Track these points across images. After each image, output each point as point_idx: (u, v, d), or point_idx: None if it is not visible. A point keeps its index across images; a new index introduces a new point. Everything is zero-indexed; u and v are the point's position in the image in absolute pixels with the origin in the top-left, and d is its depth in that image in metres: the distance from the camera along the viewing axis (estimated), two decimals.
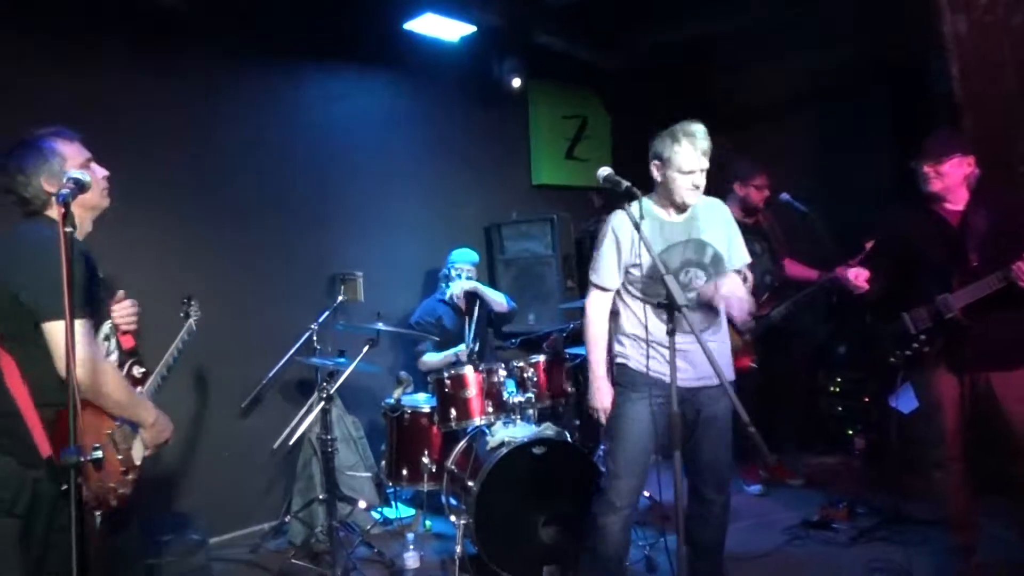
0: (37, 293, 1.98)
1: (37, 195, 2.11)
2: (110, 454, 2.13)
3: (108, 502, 2.12)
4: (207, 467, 4.04)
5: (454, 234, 4.98)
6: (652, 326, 2.74)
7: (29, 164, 2.10)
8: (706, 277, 2.80)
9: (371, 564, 3.62)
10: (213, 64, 4.15)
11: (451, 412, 3.67)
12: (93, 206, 2.22)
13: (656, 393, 2.66)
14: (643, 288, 2.77)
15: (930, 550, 3.31)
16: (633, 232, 2.62)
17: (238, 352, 4.14)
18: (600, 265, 2.85)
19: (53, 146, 2.14)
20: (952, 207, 3.09)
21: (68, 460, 1.58)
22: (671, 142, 2.73)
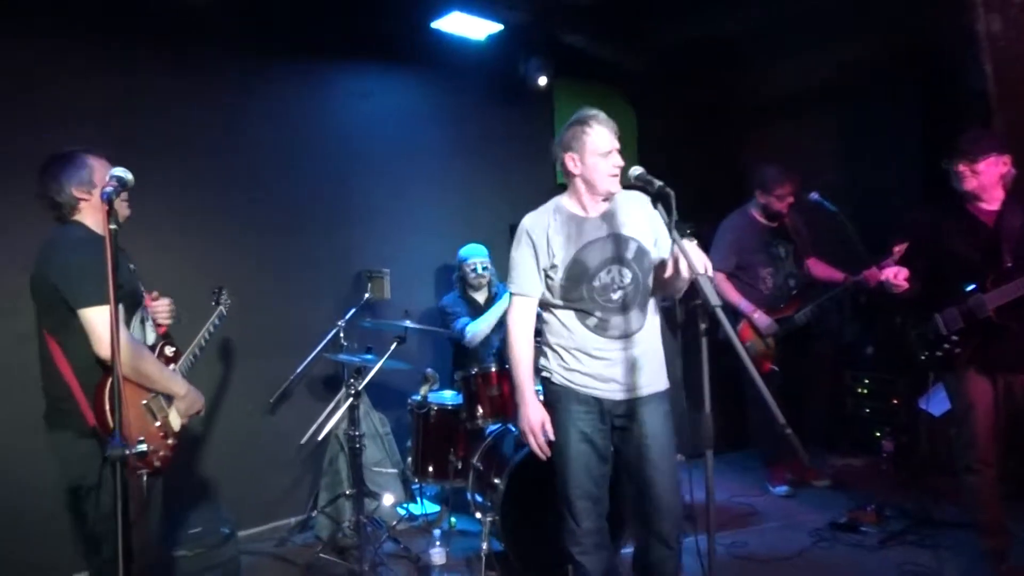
0: (72, 283, 2.28)
1: (68, 201, 2.40)
2: (148, 421, 2.43)
3: (152, 463, 2.38)
4: (235, 461, 4.08)
5: (479, 232, 4.97)
6: (580, 336, 2.56)
7: (63, 173, 2.40)
8: (631, 274, 2.56)
9: (397, 559, 3.65)
10: (242, 63, 4.19)
11: (478, 410, 3.68)
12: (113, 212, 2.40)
13: (583, 409, 2.54)
14: (564, 293, 2.57)
15: (961, 554, 3.27)
16: (549, 231, 2.55)
17: (265, 348, 4.19)
18: (517, 272, 2.62)
19: (85, 159, 2.43)
20: (987, 207, 3.05)
21: (114, 453, 1.63)
22: (579, 128, 2.54)
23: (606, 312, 2.55)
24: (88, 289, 2.25)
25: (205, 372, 3.97)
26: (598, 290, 2.55)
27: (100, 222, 2.40)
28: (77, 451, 2.32)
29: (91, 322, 2.26)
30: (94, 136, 3.53)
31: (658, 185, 2.34)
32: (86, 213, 2.43)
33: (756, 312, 4.19)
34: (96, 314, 2.26)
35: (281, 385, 4.14)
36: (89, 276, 2.25)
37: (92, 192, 2.41)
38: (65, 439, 2.34)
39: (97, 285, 2.23)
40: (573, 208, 2.62)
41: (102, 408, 2.24)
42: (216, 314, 3.14)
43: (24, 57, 3.52)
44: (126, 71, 3.78)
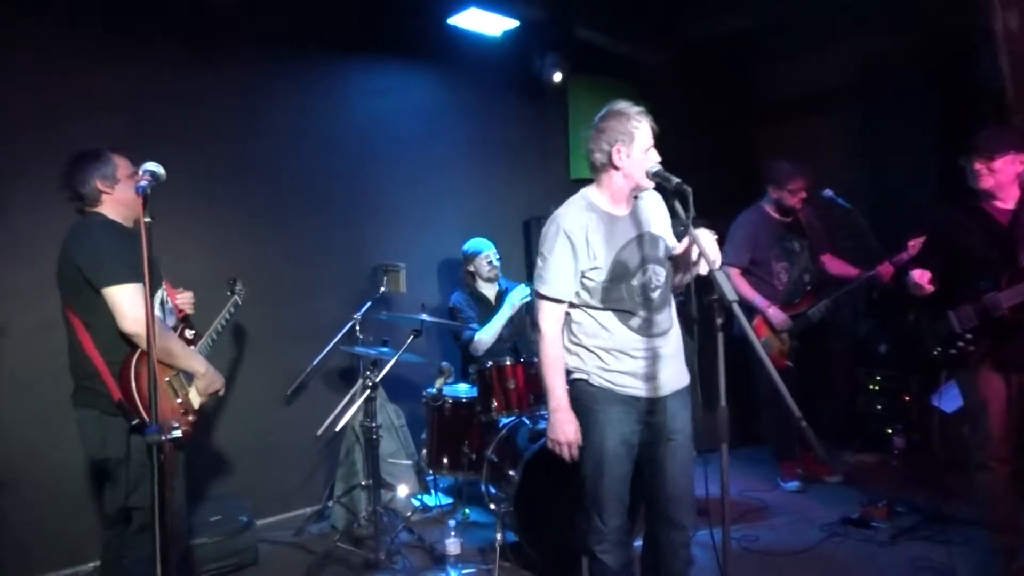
0: (95, 264, 2.43)
1: (91, 193, 2.56)
2: (170, 398, 2.56)
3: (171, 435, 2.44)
4: (252, 451, 4.15)
5: (493, 227, 5.01)
6: (621, 337, 2.50)
7: (89, 167, 2.57)
8: (664, 272, 2.58)
9: (413, 549, 3.70)
10: (262, 58, 4.25)
11: (493, 403, 3.73)
12: (129, 206, 2.61)
13: (623, 411, 2.49)
14: (604, 294, 2.50)
15: (972, 550, 3.30)
16: (588, 232, 2.46)
17: (282, 340, 4.25)
18: (551, 274, 2.49)
19: (110, 156, 2.60)
20: (1002, 205, 3.06)
21: (151, 438, 1.69)
22: (629, 121, 2.46)
23: (648, 312, 2.53)
24: (111, 269, 2.40)
25: (224, 362, 4.05)
26: (637, 290, 2.52)
27: (120, 214, 2.61)
28: (103, 427, 2.45)
29: (115, 299, 2.39)
30: (117, 128, 3.64)
31: (675, 182, 2.36)
32: (107, 205, 2.59)
33: (771, 308, 4.21)
34: (119, 291, 2.39)
35: (298, 376, 4.19)
36: (112, 257, 2.41)
37: (114, 187, 2.58)
38: (91, 417, 2.48)
39: (120, 265, 2.41)
40: (605, 205, 2.55)
41: (128, 384, 2.37)
42: (231, 303, 3.28)
43: (49, 51, 3.58)
44: (149, 65, 3.84)
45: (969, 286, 3.06)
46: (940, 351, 3.16)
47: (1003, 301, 2.94)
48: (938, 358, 3.19)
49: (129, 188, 2.57)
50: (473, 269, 4.41)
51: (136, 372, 2.41)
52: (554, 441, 2.52)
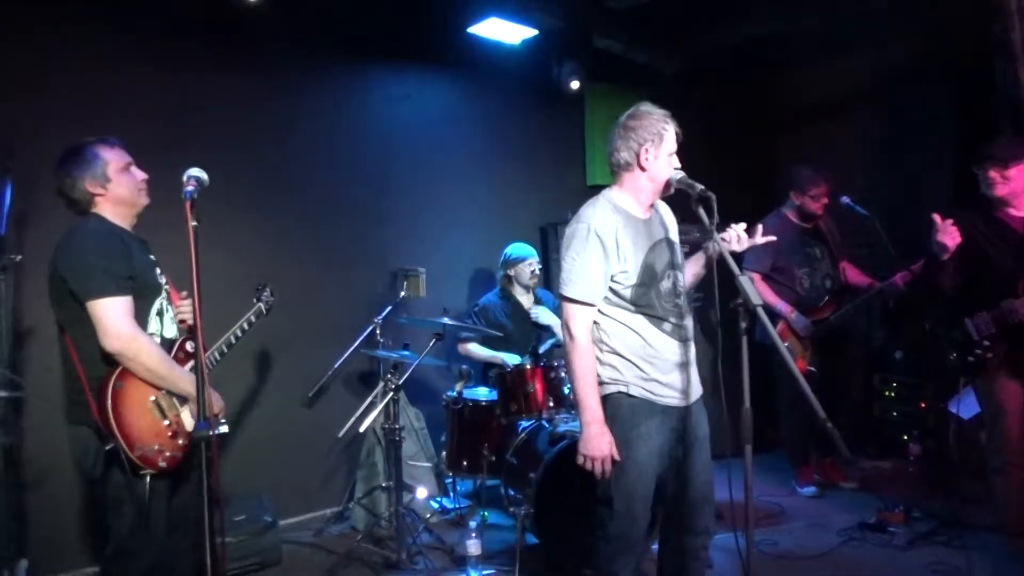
0: (79, 276, 2.25)
1: (83, 196, 2.38)
2: (155, 419, 2.32)
3: (155, 463, 2.27)
4: (273, 452, 4.20)
5: (511, 233, 5.06)
6: (657, 343, 2.45)
7: (75, 169, 2.38)
8: (683, 278, 2.59)
9: (433, 550, 3.74)
10: (286, 66, 4.33)
11: (512, 406, 3.77)
12: (128, 203, 2.46)
13: (658, 422, 2.44)
14: (635, 299, 2.44)
15: (990, 556, 3.31)
16: (618, 234, 2.40)
17: (304, 343, 4.31)
18: (581, 276, 2.39)
19: (96, 152, 2.40)
20: (1016, 212, 3.10)
21: (200, 434, 1.73)
22: (658, 122, 2.45)
23: (677, 317, 2.52)
24: (95, 281, 2.23)
25: (245, 364, 4.12)
26: (664, 295, 2.49)
27: (119, 213, 2.43)
28: (89, 445, 2.29)
29: (97, 314, 2.23)
30: (144, 132, 3.68)
31: (699, 189, 2.40)
32: (103, 206, 2.42)
33: (793, 313, 4.24)
34: (103, 306, 2.23)
35: (319, 379, 4.25)
36: (97, 267, 2.25)
37: (106, 186, 2.39)
38: (82, 434, 2.31)
39: (104, 276, 2.24)
40: (630, 208, 2.50)
41: (104, 404, 2.20)
42: (254, 311, 2.99)
43: (82, 56, 3.67)
44: (178, 70, 3.92)
45: (988, 294, 3.09)
46: (957, 358, 3.19)
47: (1020, 308, 2.97)
48: (955, 365, 3.22)
49: (126, 183, 2.42)
50: (513, 274, 4.46)
51: (114, 392, 2.23)
52: (588, 457, 2.37)
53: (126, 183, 2.42)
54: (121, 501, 2.28)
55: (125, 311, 2.27)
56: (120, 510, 2.29)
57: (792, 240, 4.34)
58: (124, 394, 2.25)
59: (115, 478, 2.26)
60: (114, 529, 2.31)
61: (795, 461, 4.51)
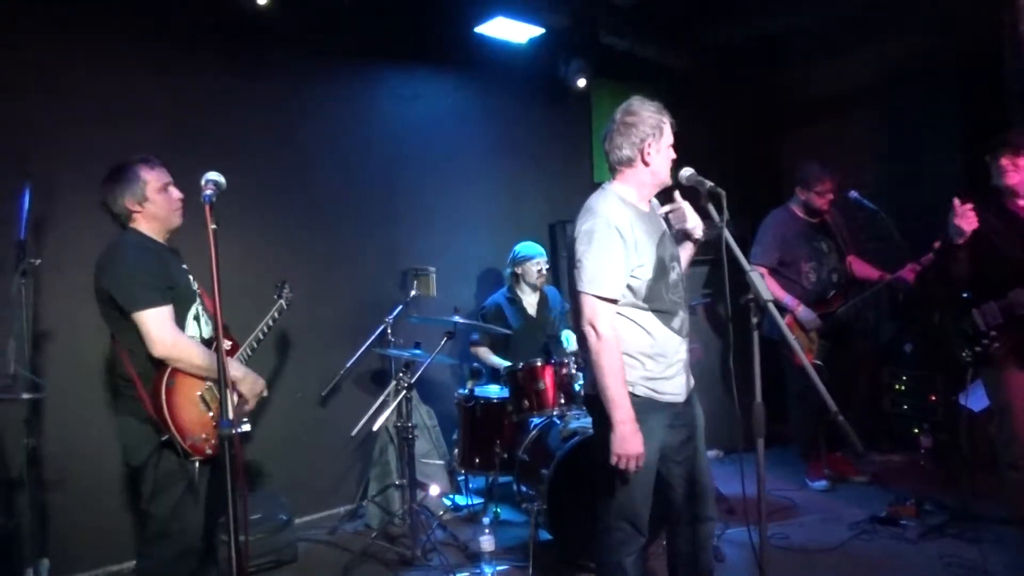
0: (123, 290, 2.45)
1: (122, 211, 2.59)
2: (202, 412, 2.53)
3: (203, 451, 2.49)
4: (287, 451, 4.25)
5: (520, 231, 5.09)
6: (663, 340, 2.44)
7: (116, 186, 2.58)
8: (680, 270, 2.58)
9: (447, 547, 3.77)
10: (295, 67, 4.36)
11: (524, 403, 3.80)
12: (162, 220, 2.64)
13: (664, 421, 2.45)
14: (648, 294, 2.41)
15: (1003, 548, 3.32)
16: (634, 228, 2.39)
17: (317, 342, 4.35)
18: (606, 271, 2.34)
19: (137, 171, 2.59)
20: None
21: (223, 432, 1.78)
22: (656, 115, 2.45)
23: (683, 311, 2.53)
24: (138, 294, 2.44)
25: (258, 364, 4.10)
26: (671, 288, 2.48)
27: (154, 228, 2.63)
28: (139, 435, 2.49)
29: (144, 325, 2.43)
30: (154, 134, 3.77)
31: (709, 185, 2.43)
32: (140, 221, 2.61)
33: (800, 306, 4.25)
34: (148, 317, 2.43)
35: (331, 378, 4.30)
36: (139, 281, 2.45)
37: (143, 204, 2.59)
38: (131, 424, 2.52)
39: (145, 288, 2.45)
40: (635, 202, 2.50)
41: (159, 402, 2.41)
42: (276, 307, 3.26)
43: (92, 60, 3.72)
44: (187, 73, 3.98)
45: (996, 285, 3.09)
46: (966, 350, 3.20)
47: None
48: (964, 357, 3.22)
49: (161, 202, 2.60)
50: (520, 272, 4.49)
51: (167, 390, 2.44)
52: (623, 456, 2.30)
53: (162, 203, 2.61)
54: (168, 485, 2.48)
55: (167, 319, 2.47)
56: (165, 494, 2.48)
57: (799, 235, 4.36)
58: (175, 391, 2.46)
59: (165, 464, 2.48)
60: (155, 515, 2.50)
61: (806, 455, 4.53)
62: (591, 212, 2.44)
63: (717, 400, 4.57)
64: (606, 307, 2.36)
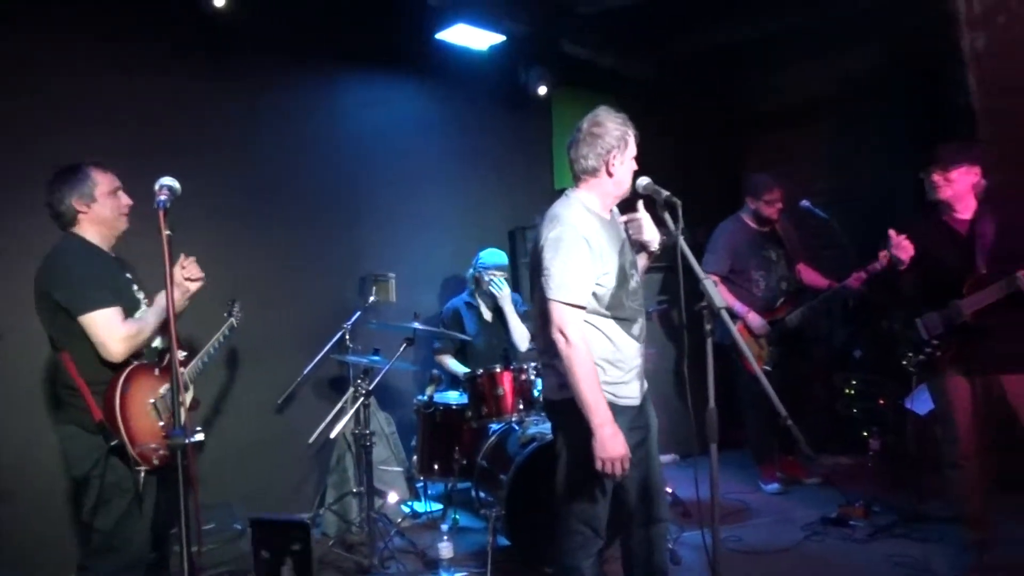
0: (69, 293, 2.41)
1: (68, 212, 2.53)
2: (153, 420, 2.49)
3: (151, 460, 2.44)
4: (243, 459, 4.17)
5: (480, 237, 5.11)
6: (624, 346, 2.49)
7: (66, 185, 2.53)
8: (638, 277, 2.63)
9: (405, 554, 3.75)
10: (253, 71, 4.31)
11: (483, 409, 3.80)
12: (108, 225, 2.61)
13: (627, 425, 2.44)
14: (611, 302, 2.46)
15: (947, 546, 3.43)
16: (599, 236, 2.43)
17: (274, 349, 4.29)
18: (574, 278, 2.37)
19: (88, 172, 2.56)
20: (960, 216, 3.20)
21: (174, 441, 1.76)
22: (621, 127, 2.50)
23: (641, 318, 2.58)
24: (86, 297, 2.40)
25: (214, 371, 4.08)
26: (631, 296, 2.53)
27: (99, 233, 2.59)
28: (83, 445, 2.44)
29: (92, 327, 2.40)
30: (112, 137, 3.69)
31: (665, 195, 2.47)
32: (85, 225, 2.55)
33: (749, 313, 4.34)
34: (96, 319, 2.39)
35: (288, 385, 4.24)
36: (86, 284, 2.41)
37: (91, 206, 2.54)
38: (73, 433, 2.47)
39: (94, 291, 2.41)
40: (598, 210, 2.54)
41: (112, 404, 2.37)
42: (227, 325, 3.19)
43: (52, 59, 3.63)
44: (143, 77, 3.89)
45: (938, 295, 3.20)
46: (911, 357, 3.31)
47: (964, 308, 3.09)
48: (909, 363, 3.33)
49: (108, 206, 2.57)
50: (480, 277, 4.48)
51: (122, 396, 2.39)
52: (607, 459, 2.30)
53: (110, 206, 2.58)
54: (112, 497, 2.42)
55: (118, 319, 2.45)
56: (109, 506, 2.42)
57: (749, 244, 4.46)
58: (129, 396, 2.43)
59: (110, 475, 2.41)
60: (98, 528, 2.44)
61: (759, 459, 4.62)
62: (557, 220, 2.46)
63: (673, 406, 4.63)
64: (575, 313, 2.38)
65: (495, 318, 4.53)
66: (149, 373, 2.57)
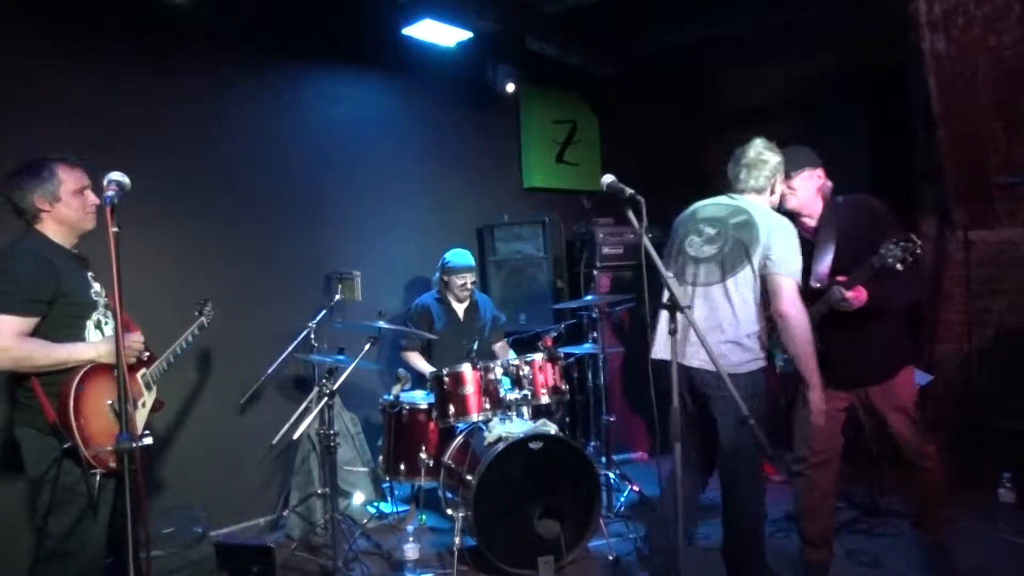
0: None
1: (29, 208, 2.45)
2: (109, 422, 2.41)
3: (106, 463, 2.37)
4: (205, 461, 4.09)
5: (447, 235, 5.08)
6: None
7: (28, 181, 2.45)
8: None
9: (370, 556, 3.71)
10: (214, 65, 4.21)
11: (449, 408, 3.77)
12: (72, 224, 2.52)
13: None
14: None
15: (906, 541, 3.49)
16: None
17: (236, 349, 4.21)
18: (799, 262, 2.75)
19: (54, 169, 2.47)
20: (810, 223, 3.06)
21: (121, 446, 1.70)
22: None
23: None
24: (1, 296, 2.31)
25: (176, 371, 3.98)
26: None
27: (61, 232, 2.50)
28: (38, 447, 2.39)
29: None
30: (66, 131, 3.57)
31: (629, 192, 2.46)
32: (47, 222, 2.48)
33: None
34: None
35: (252, 385, 4.16)
36: (11, 285, 2.32)
37: (53, 205, 2.46)
38: (28, 435, 2.41)
39: (10, 294, 2.31)
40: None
41: (66, 405, 2.31)
42: (196, 324, 3.16)
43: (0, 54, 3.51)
44: (100, 71, 3.78)
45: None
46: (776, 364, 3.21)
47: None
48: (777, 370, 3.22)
49: (75, 205, 2.50)
50: (447, 281, 4.46)
51: (76, 395, 2.33)
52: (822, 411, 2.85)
53: (75, 205, 2.50)
54: (66, 501, 2.35)
55: (10, 329, 2.31)
56: (63, 510, 2.35)
57: None
58: (84, 396, 2.35)
59: (64, 478, 2.34)
60: (51, 533, 2.37)
61: None
62: (777, 214, 2.87)
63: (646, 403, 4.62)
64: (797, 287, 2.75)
65: (466, 315, 4.50)
66: (108, 374, 2.49)
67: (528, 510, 3.48)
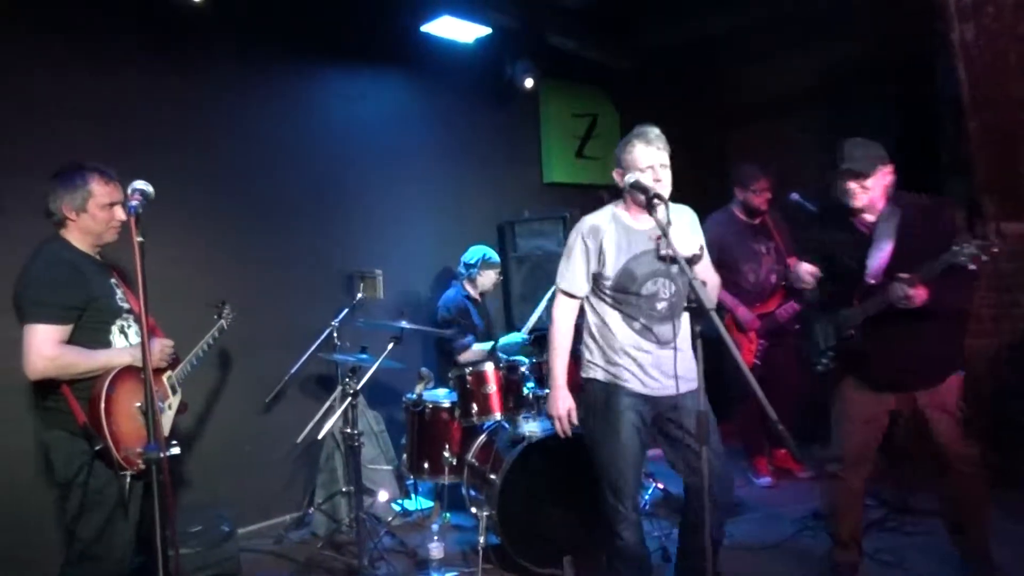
0: (22, 298, 2.39)
1: (56, 213, 2.50)
2: (139, 424, 2.42)
3: (136, 464, 2.39)
4: (230, 460, 4.14)
5: (468, 232, 5.08)
6: (620, 335, 2.72)
7: (61, 188, 2.49)
8: (674, 287, 2.71)
9: (395, 554, 3.73)
10: (234, 65, 4.24)
11: (472, 407, 3.77)
12: (94, 236, 2.56)
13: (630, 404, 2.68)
14: (613, 299, 2.75)
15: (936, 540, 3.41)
16: (604, 240, 2.69)
17: (260, 348, 4.24)
18: (570, 271, 2.78)
19: (87, 179, 2.51)
20: (871, 218, 2.93)
21: (149, 456, 1.71)
22: (624, 146, 2.72)
23: (650, 320, 2.71)
24: (32, 306, 2.35)
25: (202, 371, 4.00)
26: (645, 299, 2.70)
27: (85, 240, 2.54)
28: (68, 450, 2.42)
29: (27, 336, 2.34)
30: (81, 138, 3.60)
31: (653, 193, 2.44)
32: (72, 230, 2.52)
33: (739, 307, 4.32)
34: (30, 332, 2.34)
35: (276, 384, 4.19)
36: (38, 294, 2.36)
37: (80, 215, 2.50)
38: (61, 438, 2.44)
39: (40, 304, 2.34)
40: (626, 219, 2.75)
41: (97, 408, 2.33)
42: (216, 327, 3.20)
43: (19, 57, 3.54)
44: (120, 73, 3.82)
45: (842, 303, 2.96)
46: (814, 364, 3.11)
47: (851, 319, 2.89)
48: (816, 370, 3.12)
49: (98, 219, 2.52)
50: (483, 275, 4.47)
51: (107, 398, 2.36)
52: (550, 416, 2.86)
53: (101, 219, 2.53)
54: (95, 504, 2.38)
55: (52, 339, 2.36)
56: (91, 513, 2.38)
57: (738, 236, 4.42)
58: (115, 399, 2.38)
59: (94, 480, 2.37)
60: (80, 536, 2.40)
61: (750, 453, 4.61)
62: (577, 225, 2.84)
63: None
64: (564, 299, 2.84)
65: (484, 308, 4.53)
66: (136, 377, 2.50)
67: (552, 509, 3.47)
